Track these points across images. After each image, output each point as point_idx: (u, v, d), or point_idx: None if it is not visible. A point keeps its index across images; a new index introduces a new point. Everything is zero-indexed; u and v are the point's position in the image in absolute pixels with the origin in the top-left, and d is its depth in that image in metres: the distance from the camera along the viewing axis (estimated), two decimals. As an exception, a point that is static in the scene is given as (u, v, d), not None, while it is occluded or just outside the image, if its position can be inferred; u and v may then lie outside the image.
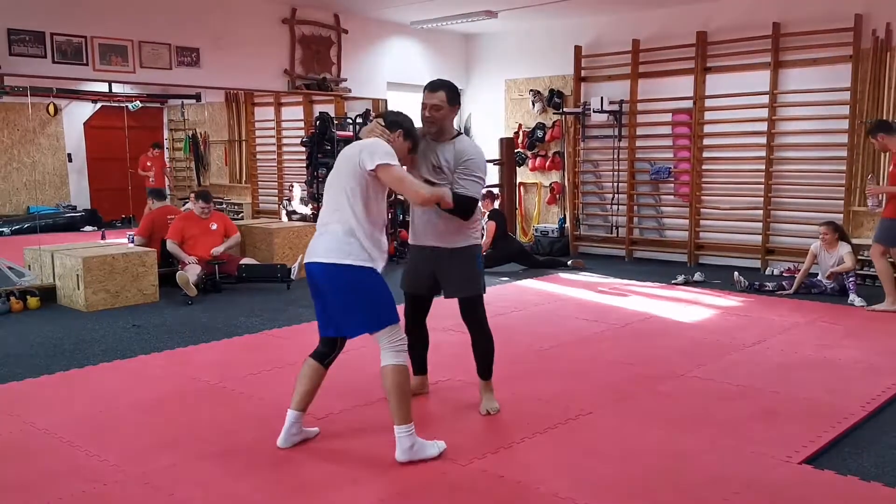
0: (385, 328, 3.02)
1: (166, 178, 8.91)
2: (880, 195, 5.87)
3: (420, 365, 3.86)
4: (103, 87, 7.74)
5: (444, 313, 4.00)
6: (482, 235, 7.88)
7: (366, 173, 2.98)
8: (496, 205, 8.60)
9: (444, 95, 3.40)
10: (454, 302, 3.59)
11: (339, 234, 2.99)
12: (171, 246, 6.71)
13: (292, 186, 9.10)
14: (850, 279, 6.27)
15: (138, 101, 8.45)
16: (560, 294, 6.64)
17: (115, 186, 8.53)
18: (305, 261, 3.12)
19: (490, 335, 3.63)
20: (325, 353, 3.21)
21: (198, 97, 8.69)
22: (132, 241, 7.05)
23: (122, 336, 5.22)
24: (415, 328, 3.68)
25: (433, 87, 3.42)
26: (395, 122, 3.22)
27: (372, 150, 3.00)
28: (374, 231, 3.05)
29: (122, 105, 8.36)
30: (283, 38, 8.22)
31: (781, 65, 7.53)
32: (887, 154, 6.18)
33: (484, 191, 3.76)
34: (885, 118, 6.87)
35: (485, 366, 3.66)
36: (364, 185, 3.01)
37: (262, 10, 7.98)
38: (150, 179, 8.51)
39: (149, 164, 8.57)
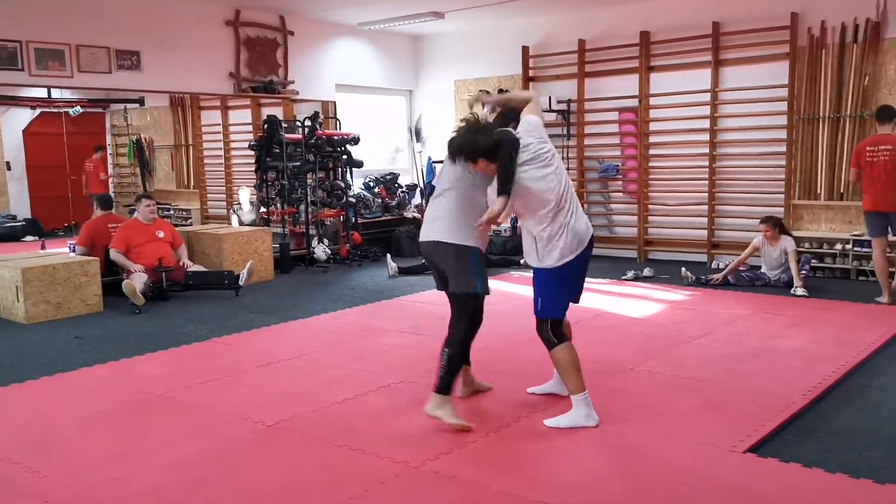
0: None
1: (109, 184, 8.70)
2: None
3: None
4: (42, 93, 7.53)
5: (397, 315, 3.98)
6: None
7: None
8: None
9: None
10: (405, 303, 3.58)
11: None
12: (115, 255, 6.53)
13: (239, 191, 8.96)
14: (803, 270, 6.47)
15: (79, 107, 8.23)
16: (513, 293, 6.67)
17: (57, 194, 8.31)
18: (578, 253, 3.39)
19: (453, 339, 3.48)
20: None
21: (141, 101, 8.50)
22: (73, 251, 6.86)
23: (63, 348, 5.08)
24: None
25: None
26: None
27: None
28: None
29: (62, 111, 8.14)
30: (228, 40, 8.10)
31: (722, 63, 7.70)
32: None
33: None
34: (820, 114, 7.11)
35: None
36: None
37: (204, 11, 7.85)
38: (111, 184, 8.29)
39: (99, 169, 8.34)
